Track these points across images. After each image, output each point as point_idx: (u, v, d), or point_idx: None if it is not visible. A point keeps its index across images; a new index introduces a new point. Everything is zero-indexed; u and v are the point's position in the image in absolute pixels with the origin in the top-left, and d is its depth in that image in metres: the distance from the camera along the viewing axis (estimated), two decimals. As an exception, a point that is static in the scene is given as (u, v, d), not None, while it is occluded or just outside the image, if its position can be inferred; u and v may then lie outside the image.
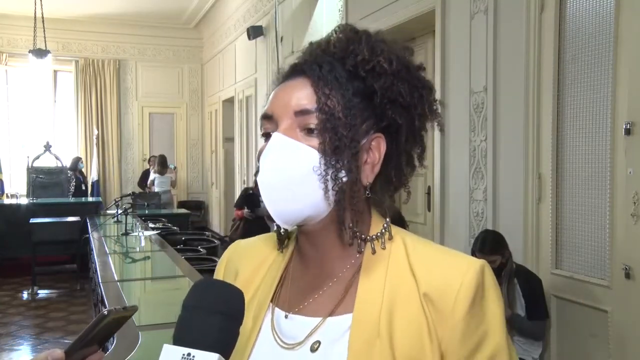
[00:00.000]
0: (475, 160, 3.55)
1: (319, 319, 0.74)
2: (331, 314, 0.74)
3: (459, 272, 0.70)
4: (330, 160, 0.70)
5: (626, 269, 2.55)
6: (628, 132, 2.52)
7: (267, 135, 0.75)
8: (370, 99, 0.75)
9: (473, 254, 2.95)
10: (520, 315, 2.87)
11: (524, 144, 3.14)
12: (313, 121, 0.72)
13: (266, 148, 0.73)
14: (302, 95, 0.73)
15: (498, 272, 2.84)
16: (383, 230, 0.76)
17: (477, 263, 0.71)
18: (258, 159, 0.74)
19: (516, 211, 3.21)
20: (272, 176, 0.72)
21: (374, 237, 0.75)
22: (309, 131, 0.72)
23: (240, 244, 0.90)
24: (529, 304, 2.88)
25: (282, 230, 0.80)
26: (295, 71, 0.77)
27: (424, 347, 0.68)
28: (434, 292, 0.70)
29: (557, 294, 3.01)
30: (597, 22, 2.73)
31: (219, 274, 0.87)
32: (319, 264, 0.77)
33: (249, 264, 0.84)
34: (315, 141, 0.71)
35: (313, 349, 0.73)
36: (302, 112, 0.72)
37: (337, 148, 0.71)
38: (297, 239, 0.81)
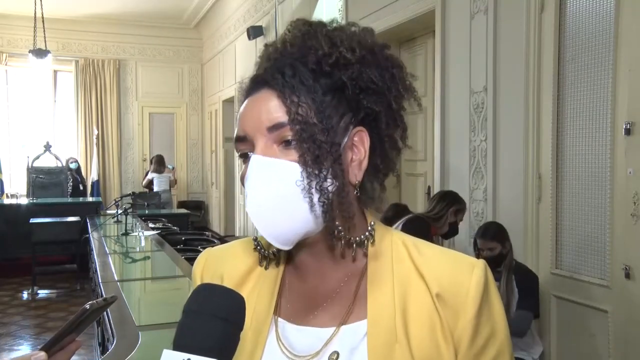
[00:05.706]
0: (475, 160, 3.55)
1: (332, 328, 0.72)
2: (344, 322, 0.72)
3: (465, 271, 0.70)
4: (313, 170, 0.67)
5: (626, 269, 2.55)
6: (628, 132, 2.52)
7: (244, 156, 0.71)
8: (342, 92, 0.70)
9: (474, 241, 2.98)
10: (509, 312, 2.84)
11: (524, 144, 3.14)
12: (288, 133, 0.68)
13: (247, 173, 0.70)
14: (271, 108, 0.69)
15: (497, 263, 2.82)
16: (367, 234, 0.73)
17: (480, 262, 0.72)
18: (242, 184, 0.71)
19: (516, 211, 3.21)
20: (259, 199, 0.69)
21: (360, 240, 0.73)
22: (286, 143, 0.68)
23: (213, 251, 0.85)
24: (521, 294, 2.83)
25: (262, 249, 0.77)
26: (257, 83, 0.72)
27: (440, 347, 0.68)
28: (445, 292, 0.69)
29: (557, 294, 3.01)
30: (597, 22, 2.73)
31: (196, 282, 0.82)
32: (319, 273, 0.75)
33: (235, 269, 0.80)
34: (294, 153, 0.68)
35: None
36: (275, 127, 0.68)
37: (318, 157, 0.67)
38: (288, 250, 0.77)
